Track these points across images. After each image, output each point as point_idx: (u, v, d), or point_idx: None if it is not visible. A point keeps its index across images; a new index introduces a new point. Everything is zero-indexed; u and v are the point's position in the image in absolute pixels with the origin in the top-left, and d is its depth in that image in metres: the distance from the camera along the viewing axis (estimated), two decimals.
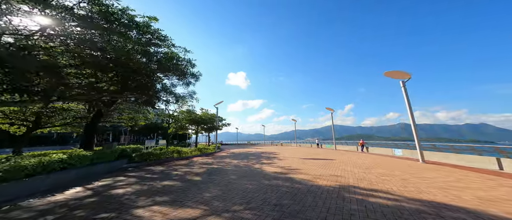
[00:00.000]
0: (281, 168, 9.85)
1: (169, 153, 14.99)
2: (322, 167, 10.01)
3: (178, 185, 6.29)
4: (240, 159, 13.93)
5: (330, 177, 7.34)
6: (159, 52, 8.85)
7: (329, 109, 29.19)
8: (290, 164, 11.14)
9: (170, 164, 11.61)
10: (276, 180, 6.95)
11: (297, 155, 16.86)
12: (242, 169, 9.47)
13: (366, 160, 12.54)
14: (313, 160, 12.94)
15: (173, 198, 4.95)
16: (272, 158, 14.52)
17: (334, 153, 18.82)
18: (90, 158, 8.16)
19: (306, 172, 8.61)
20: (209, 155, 18.18)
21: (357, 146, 23.41)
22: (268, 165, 10.79)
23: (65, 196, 5.14)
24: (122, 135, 52.36)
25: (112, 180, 7.03)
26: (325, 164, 11.16)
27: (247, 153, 20.04)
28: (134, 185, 6.25)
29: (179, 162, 12.89)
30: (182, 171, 9.25)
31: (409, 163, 10.67)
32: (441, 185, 6.03)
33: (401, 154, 14.79)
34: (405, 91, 12.07)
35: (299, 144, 41.94)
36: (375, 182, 6.53)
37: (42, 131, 14.52)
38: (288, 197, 5.00)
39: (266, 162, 12.10)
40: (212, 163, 11.92)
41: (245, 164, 11.49)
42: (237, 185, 6.32)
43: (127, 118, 18.38)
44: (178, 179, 7.23)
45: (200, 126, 24.55)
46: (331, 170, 8.91)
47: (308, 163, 11.66)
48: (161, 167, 10.56)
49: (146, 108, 17.98)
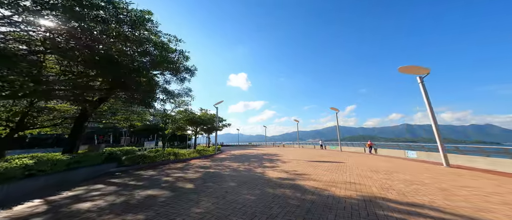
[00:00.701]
0: (286, 172, 8.68)
1: (165, 155, 13.91)
2: (334, 171, 8.83)
3: (164, 196, 5.17)
4: (240, 162, 12.78)
5: (347, 185, 6.16)
6: (142, 38, 7.62)
7: (333, 109, 27.98)
8: (295, 168, 9.97)
9: (164, 168, 10.51)
10: (282, 189, 5.79)
11: (301, 157, 15.67)
12: (242, 174, 8.33)
13: (379, 163, 11.32)
14: (320, 163, 11.75)
15: (149, 217, 3.82)
16: (275, 161, 13.35)
17: (341, 155, 17.59)
18: (66, 162, 7.07)
19: (316, 177, 7.43)
20: (208, 157, 17.06)
21: (364, 148, 22.14)
22: (271, 169, 9.63)
23: (7, 213, 4.03)
24: (122, 137, 51.42)
25: (86, 188, 5.92)
26: (335, 167, 9.97)
27: (248, 155, 18.88)
28: (109, 196, 5.14)
29: (175, 165, 11.80)
30: (175, 176, 8.14)
31: (431, 167, 9.42)
32: (502, 199, 4.68)
33: (416, 157, 13.54)
34: (424, 87, 10.87)
35: (301, 145, 40.64)
36: (406, 192, 5.31)
37: (31, 132, 13.54)
38: (301, 214, 3.85)
39: (269, 166, 10.95)
40: (210, 167, 10.80)
41: (246, 167, 10.35)
42: (235, 195, 5.18)
43: (122, 119, 17.34)
44: (166, 187, 6.12)
45: (200, 127, 23.50)
46: (345, 175, 7.72)
47: (316, 166, 10.47)
48: (153, 171, 9.46)
49: (141, 109, 16.94)
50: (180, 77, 10.21)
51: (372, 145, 19.87)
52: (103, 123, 18.69)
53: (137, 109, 17.47)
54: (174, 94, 11.13)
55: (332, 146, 30.68)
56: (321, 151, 25.29)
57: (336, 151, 24.61)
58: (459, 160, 10.34)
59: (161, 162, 12.43)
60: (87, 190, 5.78)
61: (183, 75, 10.14)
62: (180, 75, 10.14)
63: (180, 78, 10.23)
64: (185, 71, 9.84)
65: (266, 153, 20.59)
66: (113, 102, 14.10)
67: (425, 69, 10.86)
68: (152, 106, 14.00)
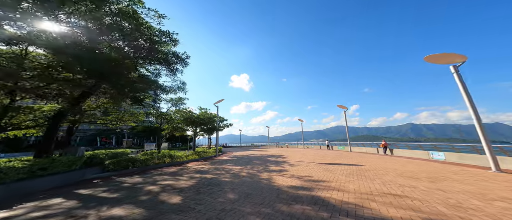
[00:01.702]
0: (299, 179, 7.10)
1: (159, 158, 12.46)
2: (357, 177, 7.20)
3: (132, 218, 3.66)
4: (243, 165, 11.23)
5: (390, 199, 4.54)
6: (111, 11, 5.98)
7: (341, 106, 26.22)
8: (308, 172, 8.37)
9: (155, 173, 9.05)
10: (300, 204, 4.23)
11: (310, 159, 14.02)
12: (244, 181, 6.79)
13: (406, 166, 9.63)
14: (335, 166, 10.12)
15: None
16: (282, 163, 11.76)
17: (354, 156, 15.88)
18: (22, 170, 5.62)
19: (339, 186, 5.84)
20: (207, 159, 15.55)
21: (377, 148, 20.36)
22: (279, 174, 8.06)
23: None
24: (125, 139, 50.35)
25: (35, 206, 4.42)
26: (356, 172, 8.33)
27: (251, 156, 17.30)
28: (53, 218, 3.64)
29: (168, 169, 10.34)
30: (163, 184, 6.64)
31: (480, 173, 7.49)
32: None
33: (444, 158, 11.75)
34: (460, 78, 9.13)
35: (306, 145, 38.85)
36: (502, 217, 3.58)
37: (16, 134, 12.22)
38: None
39: (276, 169, 9.37)
40: (208, 171, 9.29)
41: (249, 172, 8.80)
42: (235, 216, 3.65)
43: (113, 119, 15.94)
44: (144, 202, 4.61)
45: (200, 127, 22.05)
46: (376, 184, 6.10)
47: (332, 170, 8.85)
48: (140, 177, 7.98)
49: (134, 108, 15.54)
50: (171, 68, 8.68)
51: (387, 145, 18.09)
52: (93, 124, 17.35)
53: (130, 109, 16.10)
54: (166, 89, 9.61)
55: (340, 146, 28.87)
56: (329, 151, 23.56)
57: (345, 152, 22.84)
58: (507, 164, 8.51)
59: (154, 166, 10.98)
60: (34, 207, 4.29)
61: (174, 65, 8.60)
62: (170, 66, 8.59)
63: (171, 69, 8.71)
64: (176, 60, 8.27)
65: (270, 154, 18.97)
66: (104, 101, 12.71)
67: (461, 57, 9.14)
68: (144, 104, 12.56)
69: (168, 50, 7.62)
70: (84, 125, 24.49)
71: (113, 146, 48.29)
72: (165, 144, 39.75)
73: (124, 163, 9.74)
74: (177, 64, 8.53)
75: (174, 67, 8.56)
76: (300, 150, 27.06)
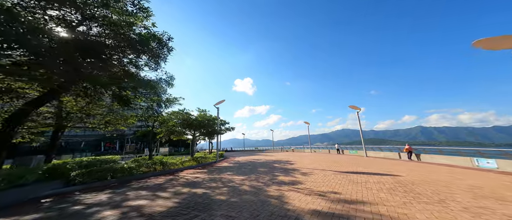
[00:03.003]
0: (321, 196, 5.03)
1: (149, 165, 10.57)
2: (411, 196, 5.04)
3: None
4: (245, 175, 9.16)
5: None
6: None
7: (354, 107, 23.90)
8: (330, 186, 6.27)
9: (134, 185, 7.19)
10: None
11: (323, 166, 11.82)
12: (246, 200, 4.78)
13: (466, 179, 7.38)
14: (362, 176, 7.93)
15: None
16: (292, 172, 9.64)
17: (375, 163, 13.55)
18: None
19: (394, 213, 3.75)
20: (205, 166, 13.58)
21: (399, 153, 17.93)
22: (292, 188, 5.98)
23: None
24: (128, 144, 49.05)
25: None
26: (399, 186, 6.15)
27: (255, 162, 15.19)
28: None
29: (155, 180, 8.46)
30: (131, 205, 4.70)
31: None
32: None
33: (496, 167, 9.41)
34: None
35: (313, 150, 36.29)
36: None
37: None
38: None
39: (287, 181, 7.29)
40: (201, 183, 7.32)
41: (253, 185, 6.76)
42: None
43: (101, 122, 14.22)
44: None
45: (200, 131, 20.19)
46: (453, 210, 3.97)
47: (362, 183, 6.68)
48: (108, 194, 6.07)
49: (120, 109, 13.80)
50: (151, 55, 6.80)
51: (412, 150, 15.66)
52: (78, 129, 15.70)
53: (119, 110, 14.38)
54: (148, 83, 7.75)
55: (352, 150, 26.34)
56: (341, 156, 21.17)
57: (359, 156, 20.34)
58: None
59: (140, 176, 9.10)
60: None
61: (154, 51, 6.71)
62: (149, 53, 6.68)
63: (151, 57, 6.84)
64: (155, 43, 6.35)
65: (276, 160, 16.80)
66: (87, 102, 10.98)
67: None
68: (132, 106, 10.78)
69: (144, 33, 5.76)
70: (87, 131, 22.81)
71: (117, 151, 47.15)
72: (166, 149, 37.85)
73: (97, 174, 7.85)
74: (159, 50, 6.66)
75: (156, 54, 6.69)
76: (307, 155, 24.72)
